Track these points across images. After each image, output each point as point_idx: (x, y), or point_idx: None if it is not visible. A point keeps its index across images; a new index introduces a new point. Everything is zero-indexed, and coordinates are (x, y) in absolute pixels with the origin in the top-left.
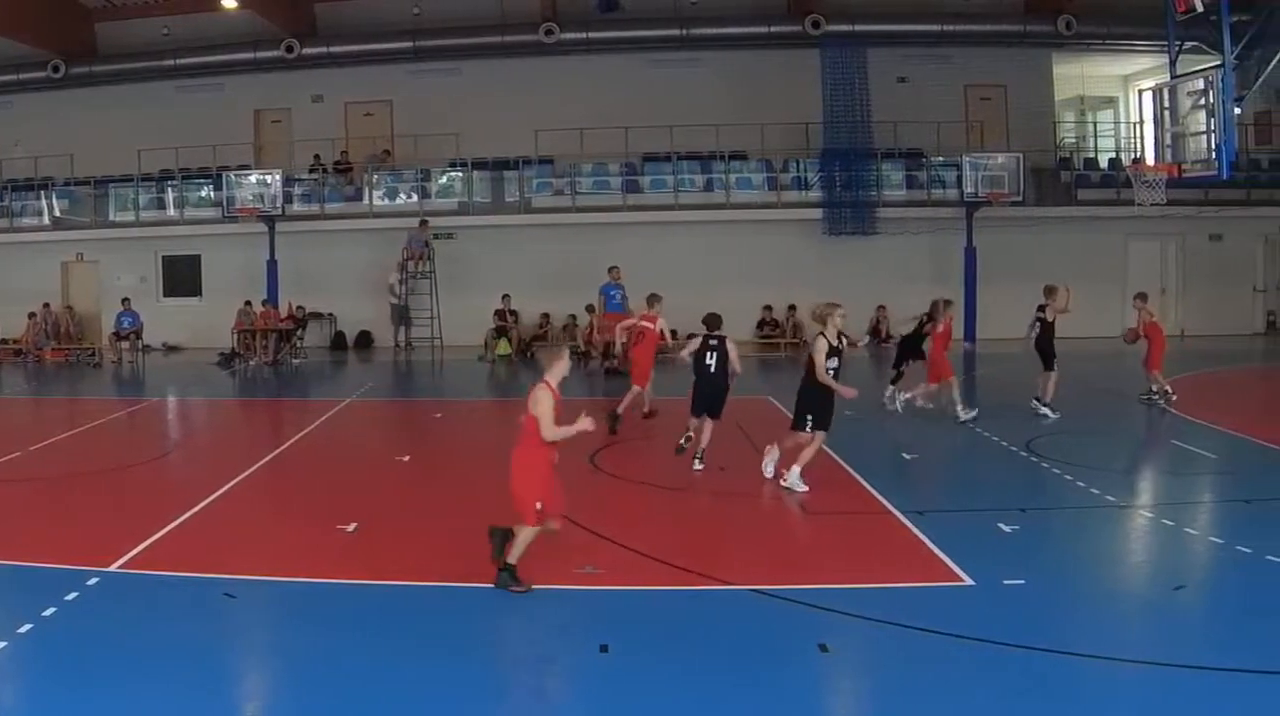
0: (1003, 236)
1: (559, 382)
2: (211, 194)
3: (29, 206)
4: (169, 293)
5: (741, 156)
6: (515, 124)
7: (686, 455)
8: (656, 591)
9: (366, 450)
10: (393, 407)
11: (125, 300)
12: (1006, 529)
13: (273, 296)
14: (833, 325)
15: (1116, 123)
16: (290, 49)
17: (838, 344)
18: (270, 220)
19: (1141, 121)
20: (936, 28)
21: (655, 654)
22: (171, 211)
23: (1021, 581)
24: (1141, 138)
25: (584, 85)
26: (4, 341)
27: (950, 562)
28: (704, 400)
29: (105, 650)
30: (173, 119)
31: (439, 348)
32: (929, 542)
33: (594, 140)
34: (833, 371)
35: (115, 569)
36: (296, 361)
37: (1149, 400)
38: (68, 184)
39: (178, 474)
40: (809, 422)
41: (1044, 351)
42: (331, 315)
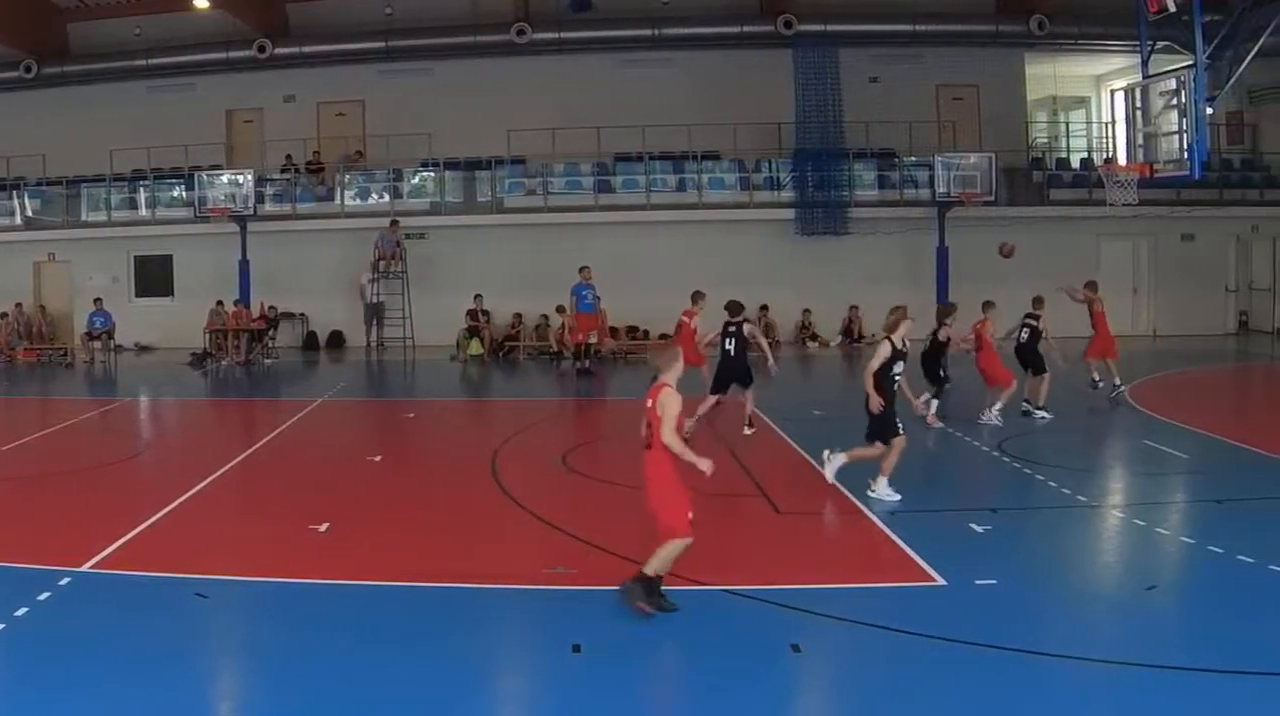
0: (975, 236)
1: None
2: (183, 194)
3: (0, 206)
4: (141, 293)
5: (714, 156)
6: (487, 124)
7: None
8: None
9: (339, 450)
10: (365, 407)
11: (98, 300)
12: (979, 529)
13: (244, 296)
14: (902, 330)
15: (1089, 123)
16: (262, 49)
17: (903, 348)
18: (242, 220)
19: (1113, 121)
20: (908, 28)
21: (628, 654)
22: (143, 211)
23: (993, 581)
24: (1114, 138)
25: (556, 85)
26: None
27: (922, 563)
28: (722, 381)
29: (78, 650)
30: (145, 119)
31: (411, 347)
32: (901, 543)
33: (566, 140)
34: (897, 377)
35: (87, 569)
36: (268, 361)
37: (1094, 386)
38: (40, 184)
39: (150, 474)
40: (898, 428)
41: (1033, 357)
42: (303, 315)
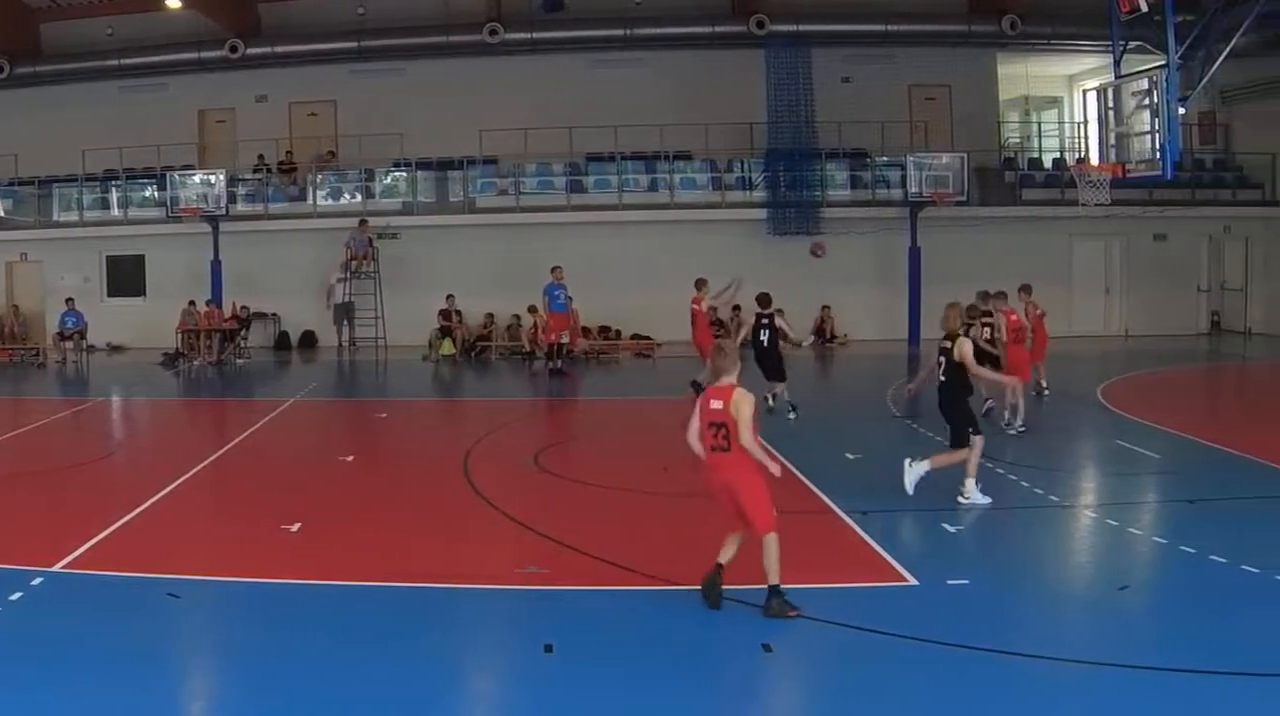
0: (947, 236)
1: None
2: (155, 194)
3: None
4: (113, 293)
5: (686, 156)
6: (459, 124)
7: None
8: (601, 591)
9: (310, 450)
10: (337, 407)
11: (70, 300)
12: (951, 529)
13: (217, 296)
14: (976, 329)
15: (1061, 123)
16: (234, 49)
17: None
18: (214, 220)
19: (1086, 121)
20: (881, 28)
21: (600, 654)
22: (115, 211)
23: (966, 581)
24: (1086, 138)
25: (528, 85)
26: None
27: (894, 562)
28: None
29: (50, 650)
30: (117, 119)
31: (383, 347)
32: (873, 542)
33: (538, 140)
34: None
35: (59, 569)
36: (240, 361)
37: (1040, 393)
38: (11, 184)
39: (122, 474)
40: (976, 427)
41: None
42: (275, 315)
